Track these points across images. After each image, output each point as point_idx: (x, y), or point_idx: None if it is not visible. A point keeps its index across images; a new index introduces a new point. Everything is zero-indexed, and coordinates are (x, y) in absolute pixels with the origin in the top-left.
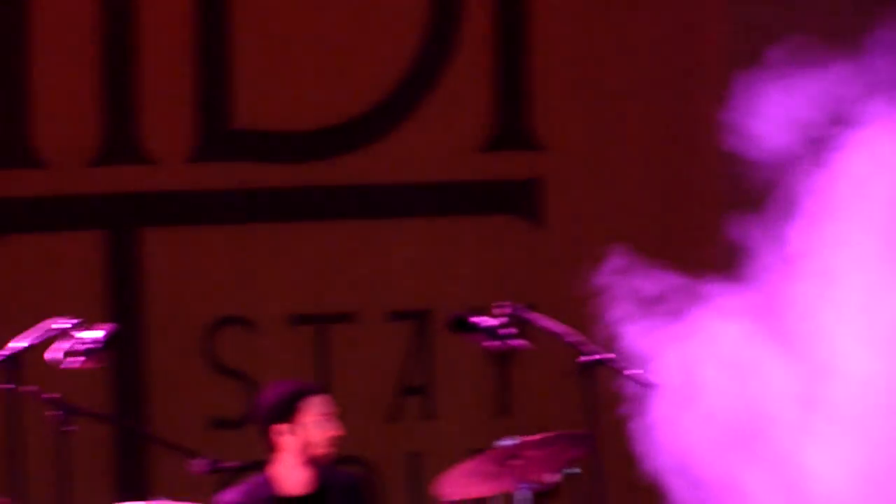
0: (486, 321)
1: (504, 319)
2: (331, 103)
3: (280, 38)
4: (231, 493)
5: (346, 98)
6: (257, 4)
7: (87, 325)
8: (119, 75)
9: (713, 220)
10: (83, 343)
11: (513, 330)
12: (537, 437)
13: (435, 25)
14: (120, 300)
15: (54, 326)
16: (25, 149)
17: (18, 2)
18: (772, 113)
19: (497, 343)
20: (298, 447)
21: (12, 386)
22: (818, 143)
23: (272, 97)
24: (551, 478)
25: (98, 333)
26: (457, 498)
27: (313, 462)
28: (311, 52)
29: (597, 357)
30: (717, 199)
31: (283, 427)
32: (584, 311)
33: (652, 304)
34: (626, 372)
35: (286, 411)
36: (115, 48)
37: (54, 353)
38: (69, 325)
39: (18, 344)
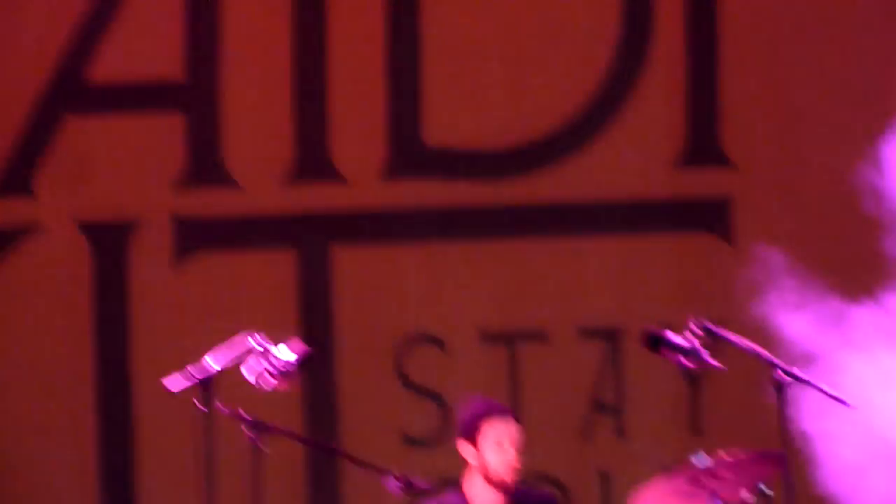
0: (680, 339)
1: (698, 337)
2: (522, 121)
3: (471, 56)
4: None
5: (538, 115)
6: (448, 23)
7: (281, 342)
8: (311, 95)
9: None
10: (277, 363)
11: (707, 348)
12: (731, 455)
13: (627, 42)
14: (312, 318)
15: (249, 344)
16: (220, 168)
17: (212, 25)
18: None
19: (691, 361)
20: (481, 467)
21: (207, 405)
22: None
23: (463, 115)
24: (745, 497)
25: (291, 354)
26: None
27: (495, 484)
28: (503, 69)
29: (791, 375)
30: None
31: (468, 446)
32: (772, 328)
33: (833, 323)
34: (822, 389)
35: (470, 430)
36: (307, 68)
37: (248, 372)
38: (263, 345)
39: (213, 362)
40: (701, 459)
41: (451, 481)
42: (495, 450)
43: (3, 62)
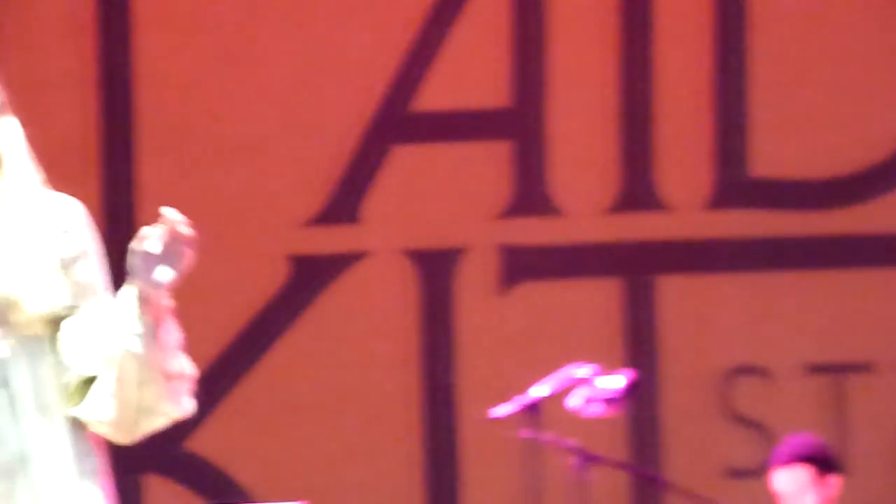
0: None
1: None
2: (850, 150)
3: (798, 84)
4: None
5: (866, 145)
6: (775, 51)
7: (606, 372)
8: (637, 123)
9: None
10: (603, 391)
11: None
12: None
13: None
14: (636, 347)
15: (574, 374)
16: (543, 197)
17: (539, 53)
18: None
19: None
20: None
21: (533, 433)
22: None
23: (790, 144)
24: None
25: (618, 381)
26: None
27: None
28: (830, 98)
29: None
30: None
31: None
32: None
33: None
34: None
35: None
36: (633, 96)
37: (575, 400)
38: (589, 373)
39: (539, 391)
40: None
41: None
42: (777, 496)
43: (332, 93)
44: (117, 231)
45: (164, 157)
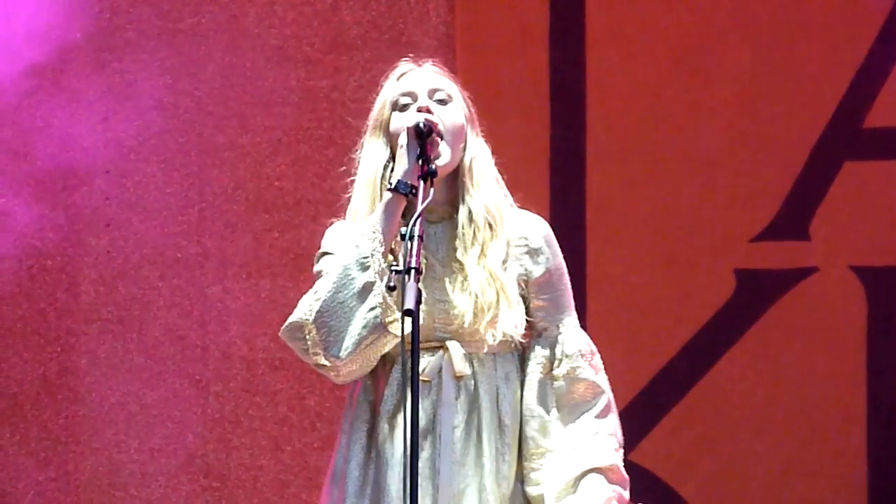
0: None
1: None
2: None
3: None
4: None
5: None
6: None
7: None
8: None
9: None
10: None
11: None
12: None
13: None
14: None
15: None
16: None
17: None
18: None
19: None
20: None
21: None
22: None
23: None
24: None
25: None
26: None
27: None
28: None
29: None
30: None
31: None
32: None
33: None
34: None
35: None
36: None
37: None
38: None
39: None
40: None
41: None
42: None
43: (782, 107)
44: (566, 242)
45: (613, 168)
